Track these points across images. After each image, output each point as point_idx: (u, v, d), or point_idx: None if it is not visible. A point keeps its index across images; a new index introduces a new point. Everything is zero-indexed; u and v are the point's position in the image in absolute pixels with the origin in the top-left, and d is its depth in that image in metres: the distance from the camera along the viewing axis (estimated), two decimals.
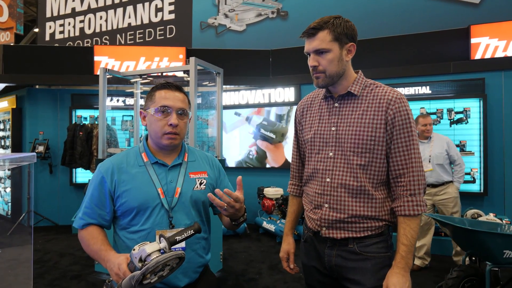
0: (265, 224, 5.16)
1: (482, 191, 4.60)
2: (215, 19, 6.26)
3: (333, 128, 1.44)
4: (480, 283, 2.86)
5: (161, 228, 1.38)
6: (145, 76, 4.13)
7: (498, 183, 4.59)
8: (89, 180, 5.62)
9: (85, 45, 6.86)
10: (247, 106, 5.89)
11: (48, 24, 7.15)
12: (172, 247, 1.13)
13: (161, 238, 1.10)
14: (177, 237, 1.13)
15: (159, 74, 4.32)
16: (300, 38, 1.44)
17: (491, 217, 3.88)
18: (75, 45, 6.92)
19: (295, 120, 1.67)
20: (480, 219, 3.86)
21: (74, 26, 7.04)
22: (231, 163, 5.97)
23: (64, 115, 5.89)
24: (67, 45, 6.95)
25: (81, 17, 6.99)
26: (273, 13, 5.95)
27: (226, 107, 5.89)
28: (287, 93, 5.64)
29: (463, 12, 5.05)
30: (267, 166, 5.76)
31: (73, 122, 5.78)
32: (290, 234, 1.70)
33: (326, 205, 1.43)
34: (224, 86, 5.24)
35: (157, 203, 1.37)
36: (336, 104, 1.46)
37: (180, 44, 6.04)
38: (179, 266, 1.14)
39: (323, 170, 1.45)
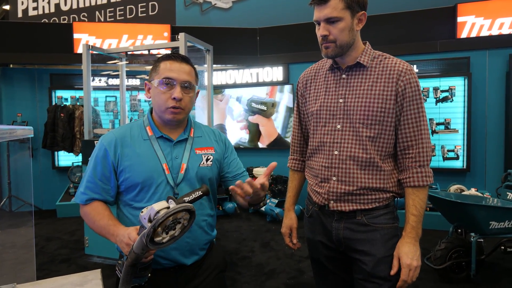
0: None
1: (465, 167, 4.76)
2: None
3: (340, 100, 1.41)
4: (466, 253, 2.99)
5: None
6: (130, 54, 3.97)
7: (480, 159, 4.76)
8: (72, 163, 5.49)
9: (62, 22, 6.52)
10: (234, 85, 5.80)
11: (20, 0, 6.73)
12: None
13: (169, 200, 1.07)
14: (185, 198, 1.10)
15: (145, 51, 4.17)
16: (309, 5, 1.37)
17: (473, 192, 4.04)
18: (51, 22, 6.57)
19: (297, 93, 1.64)
20: (463, 193, 4.02)
21: (49, 2, 6.65)
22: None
23: (43, 96, 5.64)
24: (42, 22, 6.59)
25: None
26: None
27: (214, 87, 5.78)
28: (275, 73, 5.58)
29: None
30: (260, 145, 5.74)
31: (53, 103, 5.55)
32: (292, 209, 1.68)
33: (334, 178, 1.41)
34: None
35: (162, 179, 1.33)
36: (344, 76, 1.43)
37: (163, 22, 5.82)
38: (191, 225, 1.11)
39: (330, 143, 1.43)
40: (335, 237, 1.45)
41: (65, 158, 5.76)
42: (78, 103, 5.52)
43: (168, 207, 1.04)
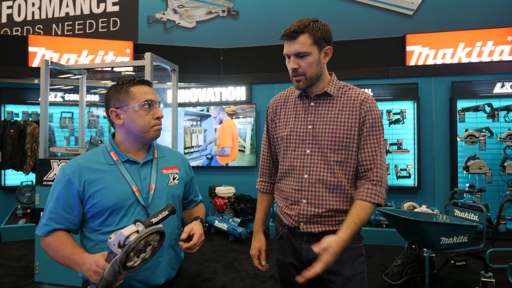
0: (217, 223, 5.14)
1: (416, 185, 5.08)
2: (164, 14, 6.06)
3: (309, 126, 1.49)
4: (420, 268, 3.16)
5: None
6: (92, 70, 3.87)
7: (429, 178, 5.11)
8: (22, 182, 5.12)
9: (14, 33, 6.20)
10: (197, 104, 5.81)
11: None
12: None
13: (137, 223, 1.08)
14: (152, 220, 1.11)
15: (106, 68, 4.07)
16: (280, 40, 1.47)
17: (424, 208, 4.31)
18: (1, 33, 6.22)
19: (267, 117, 1.70)
20: (415, 210, 4.27)
21: (0, 12, 6.32)
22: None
23: None
24: None
25: (9, 3, 6.31)
26: (224, 12, 5.94)
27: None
28: (238, 92, 5.67)
29: (399, 22, 5.52)
30: (226, 157, 5.74)
31: (2, 118, 5.20)
32: (260, 231, 1.71)
33: (304, 201, 1.47)
34: None
35: (133, 201, 1.35)
36: (312, 103, 1.52)
37: (125, 38, 5.74)
38: (161, 246, 1.13)
39: (300, 167, 1.49)
40: (305, 258, 1.49)
41: (13, 177, 5.37)
42: (30, 119, 5.22)
43: (138, 231, 1.04)
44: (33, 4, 6.26)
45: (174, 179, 1.48)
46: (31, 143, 5.07)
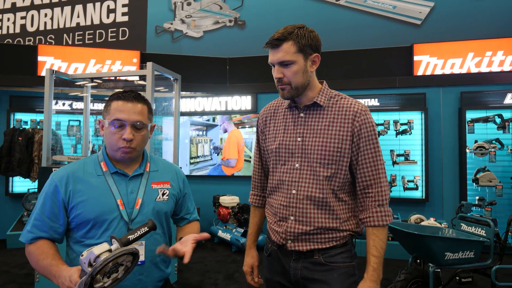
0: (220, 233, 5.10)
1: (424, 197, 4.95)
2: (171, 24, 6.14)
3: (299, 139, 1.42)
4: (424, 284, 3.06)
5: None
6: (97, 79, 3.92)
7: (437, 190, 4.98)
8: (28, 189, 5.19)
9: (27, 43, 6.36)
10: (203, 113, 5.82)
11: None
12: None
13: (113, 240, 1.04)
14: (129, 236, 1.07)
15: (111, 77, 4.12)
16: (264, 48, 1.41)
17: (431, 221, 4.19)
18: (15, 43, 6.39)
19: (257, 129, 1.63)
20: (422, 223, 4.16)
21: (14, 23, 6.49)
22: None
23: (0, 119, 5.38)
24: (5, 42, 6.39)
25: (23, 13, 6.47)
26: (231, 22, 5.97)
27: (182, 114, 5.77)
28: (244, 102, 5.67)
29: (407, 31, 5.45)
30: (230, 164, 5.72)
31: (12, 126, 5.30)
32: (253, 247, 1.65)
33: (292, 218, 1.40)
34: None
35: (116, 215, 1.31)
36: (302, 114, 1.44)
37: (133, 48, 5.82)
38: (135, 266, 1.08)
39: (289, 182, 1.42)
40: (293, 277, 1.43)
41: (20, 184, 5.44)
42: (38, 127, 5.30)
43: (110, 250, 1.01)
44: (46, 15, 6.41)
45: (163, 194, 1.42)
46: (39, 151, 5.14)
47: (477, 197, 4.59)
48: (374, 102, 5.19)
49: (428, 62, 5.02)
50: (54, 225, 1.30)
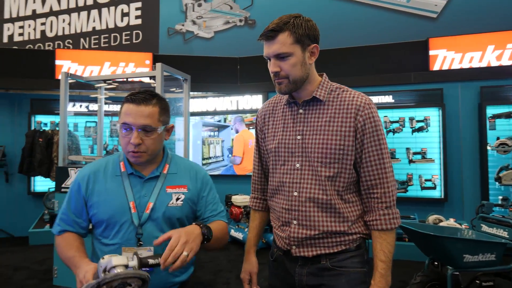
0: (233, 232, 5.10)
1: (442, 197, 4.78)
2: (183, 25, 6.20)
3: (298, 137, 1.32)
4: (442, 287, 2.95)
5: (129, 245, 1.30)
6: (110, 81, 3.98)
7: (457, 189, 4.80)
8: (48, 189, 5.35)
9: (47, 48, 6.57)
10: (214, 113, 5.84)
11: (6, 25, 6.79)
12: (143, 269, 1.06)
13: (134, 256, 1.05)
14: (150, 260, 1.08)
15: (124, 79, 4.19)
16: (258, 41, 1.31)
17: (451, 222, 4.04)
18: (36, 48, 6.61)
19: (256, 127, 1.53)
20: (441, 224, 4.02)
21: (34, 29, 6.72)
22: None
23: (22, 121, 5.57)
24: (26, 47, 6.63)
25: (43, 20, 6.70)
26: (241, 21, 5.97)
27: (194, 114, 5.81)
28: (255, 101, 5.65)
29: (422, 25, 5.29)
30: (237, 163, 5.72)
31: (32, 128, 5.48)
32: (252, 252, 1.53)
33: (295, 222, 1.31)
34: (191, 93, 5.18)
35: (127, 218, 1.31)
36: (301, 111, 1.34)
37: (146, 50, 5.92)
38: None
39: (290, 183, 1.32)
40: (298, 283, 1.33)
41: (41, 184, 5.62)
42: (57, 128, 5.46)
43: (127, 266, 1.00)
44: (64, 20, 6.61)
45: (177, 199, 1.36)
46: (57, 152, 5.29)
47: (500, 197, 4.39)
48: (388, 98, 5.06)
49: (445, 56, 4.85)
50: (78, 220, 1.36)
